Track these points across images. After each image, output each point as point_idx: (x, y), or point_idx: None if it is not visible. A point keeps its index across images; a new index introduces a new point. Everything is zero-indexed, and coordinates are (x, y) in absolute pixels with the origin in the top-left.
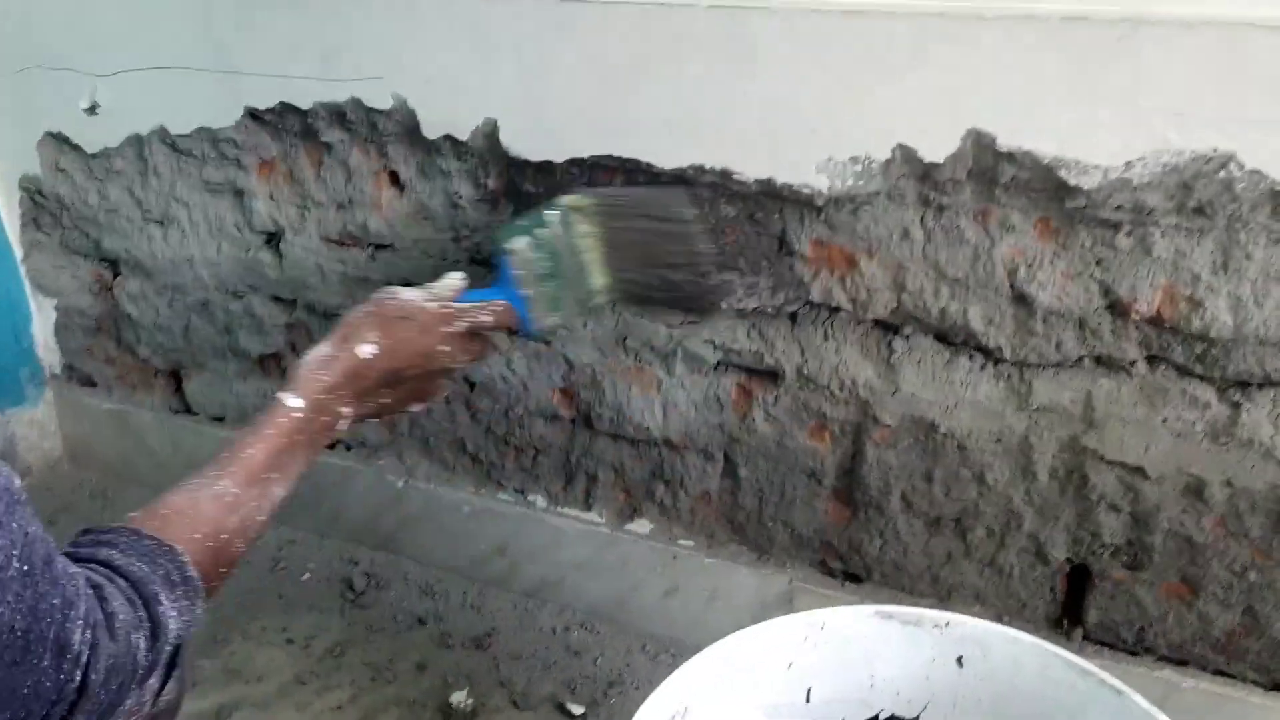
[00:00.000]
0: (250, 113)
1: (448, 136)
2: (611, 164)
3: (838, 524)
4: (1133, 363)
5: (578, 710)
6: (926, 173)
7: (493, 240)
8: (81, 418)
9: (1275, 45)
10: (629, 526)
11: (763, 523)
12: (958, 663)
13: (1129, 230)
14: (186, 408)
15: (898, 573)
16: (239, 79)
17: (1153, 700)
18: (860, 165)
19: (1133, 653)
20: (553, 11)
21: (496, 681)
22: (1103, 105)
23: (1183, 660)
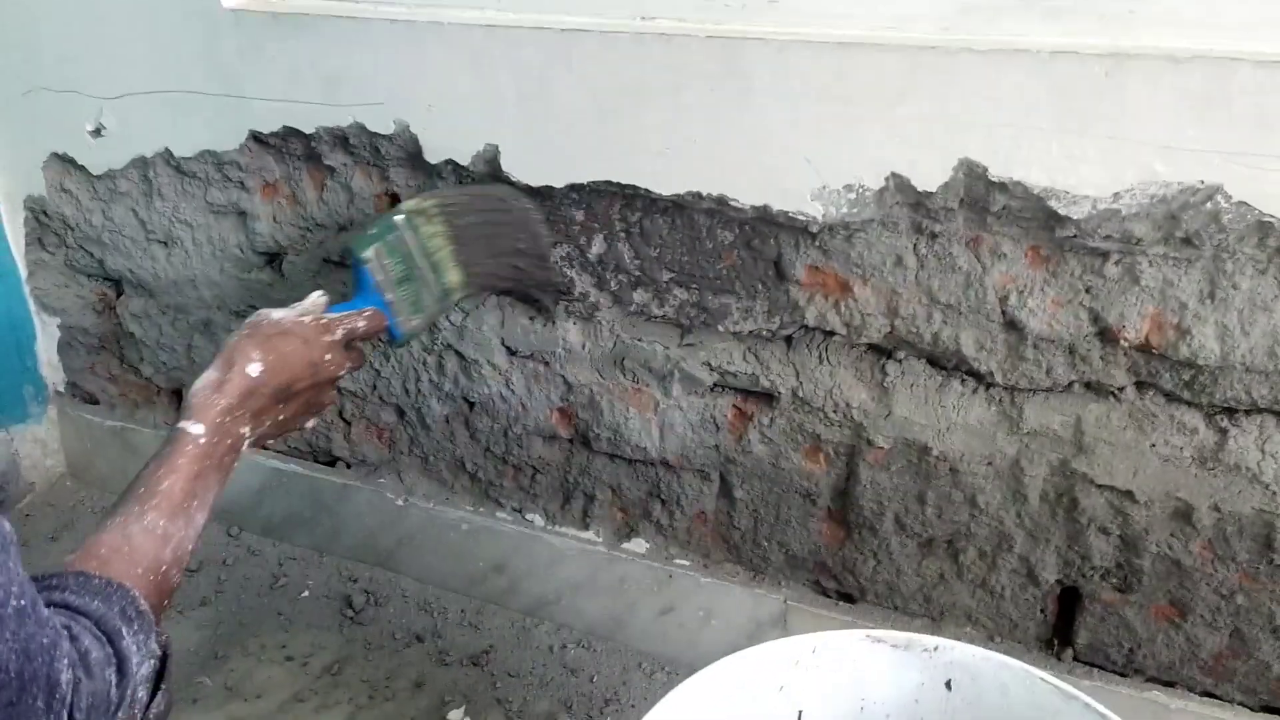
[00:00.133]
0: (254, 136)
1: (449, 161)
2: (610, 190)
3: (832, 545)
4: (1122, 388)
5: None
6: (919, 201)
7: (346, 252)
8: (84, 435)
9: (1261, 79)
10: (626, 546)
11: (758, 543)
12: (946, 686)
13: (1118, 259)
14: None
15: (891, 593)
16: (243, 103)
17: None
18: (854, 193)
19: (1122, 674)
20: (552, 40)
21: (493, 699)
22: (1091, 137)
23: (1171, 682)
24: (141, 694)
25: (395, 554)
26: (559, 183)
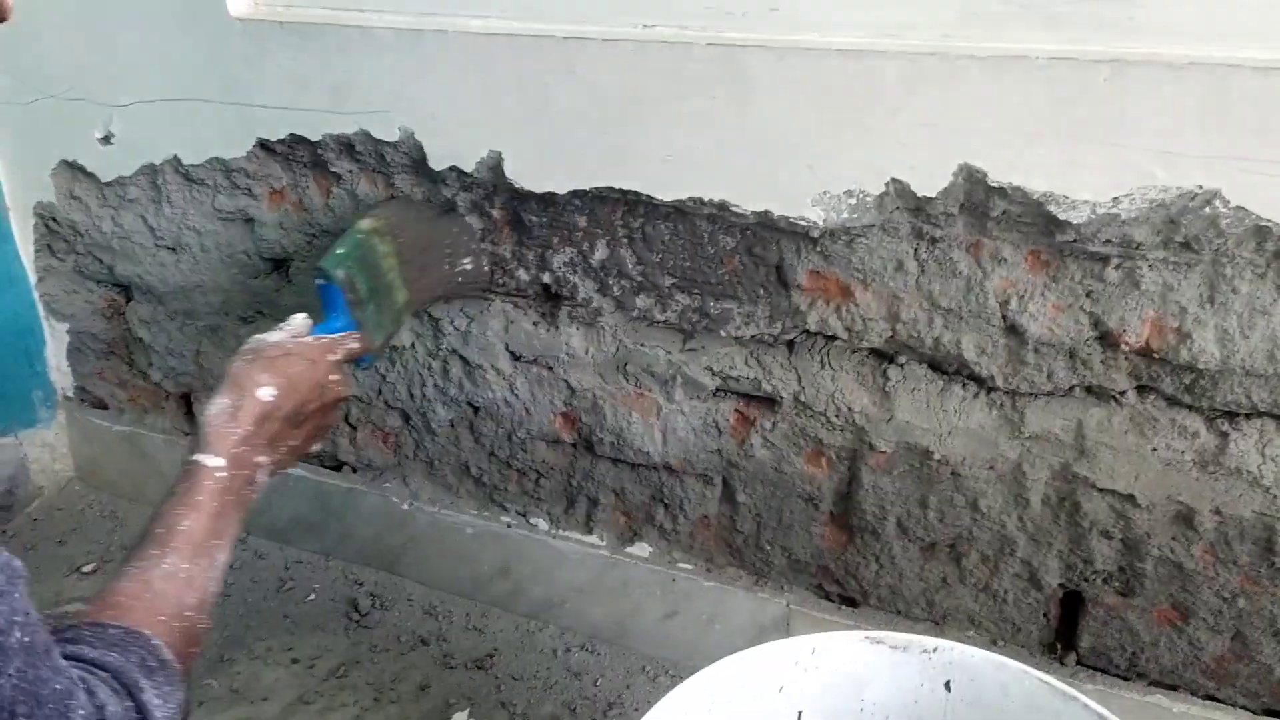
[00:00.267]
0: (261, 143)
1: (453, 168)
2: (613, 196)
3: (834, 549)
4: (1123, 392)
5: None
6: (920, 206)
7: (318, 271)
8: (93, 439)
9: (1259, 86)
10: (629, 549)
11: (760, 547)
12: (945, 688)
13: (1117, 264)
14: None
15: (893, 597)
16: (250, 111)
17: None
18: (855, 199)
19: (1125, 678)
20: (554, 48)
21: (498, 702)
22: (1090, 143)
23: (1174, 685)
24: None
25: (401, 558)
26: (562, 189)
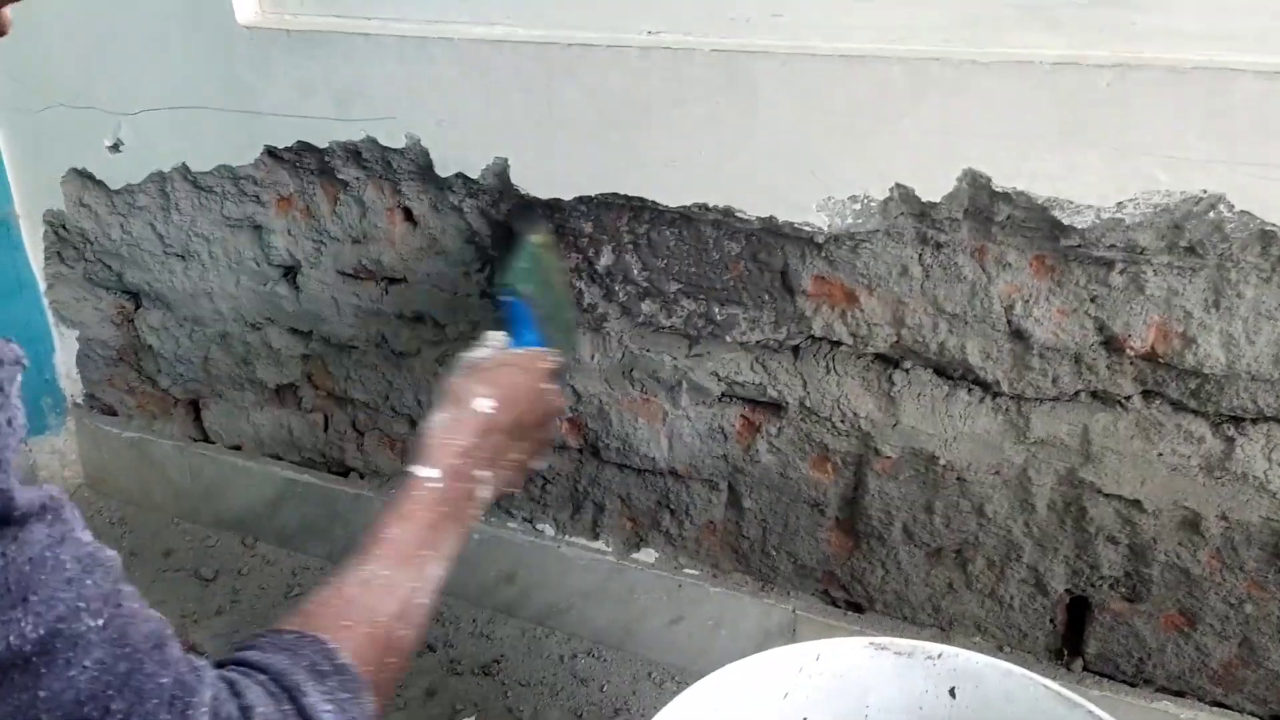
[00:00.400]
0: (269, 151)
1: (460, 174)
2: (618, 202)
3: (840, 554)
4: (1128, 397)
5: None
6: (924, 211)
7: (501, 288)
8: (102, 446)
9: (1263, 90)
10: (635, 555)
11: (766, 552)
12: (950, 694)
13: (1122, 268)
14: (205, 437)
15: (900, 603)
16: (258, 118)
17: None
18: (859, 204)
19: (1131, 684)
20: (559, 54)
21: (504, 708)
22: (1094, 148)
23: (1181, 692)
24: None
25: None
26: (567, 195)
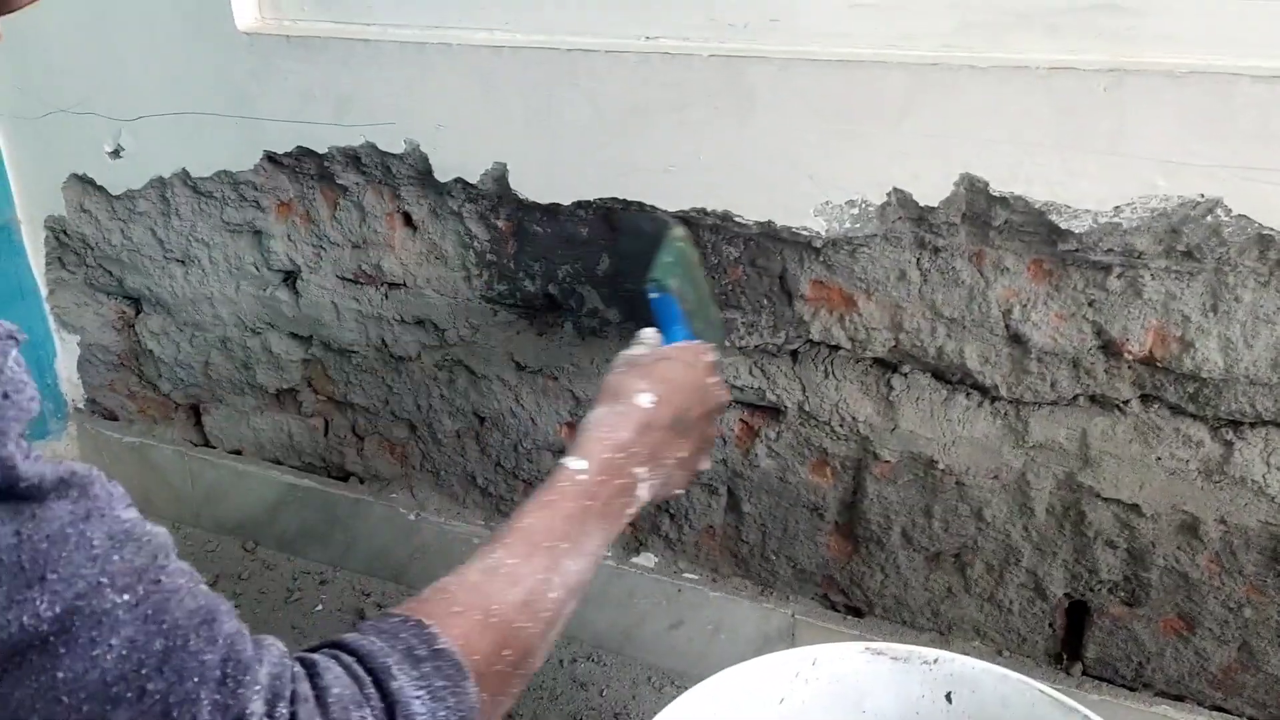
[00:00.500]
0: (269, 156)
1: (459, 179)
2: (617, 206)
3: (839, 558)
4: (1127, 401)
5: None
6: (922, 216)
7: (652, 283)
8: (103, 451)
9: (1260, 94)
10: (635, 560)
11: (766, 557)
12: (947, 699)
13: (1120, 272)
14: (205, 441)
15: (899, 607)
16: (257, 124)
17: None
18: (857, 209)
19: (1131, 688)
20: (558, 60)
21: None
22: (1091, 152)
23: (1180, 696)
24: None
25: (408, 568)
26: (566, 200)
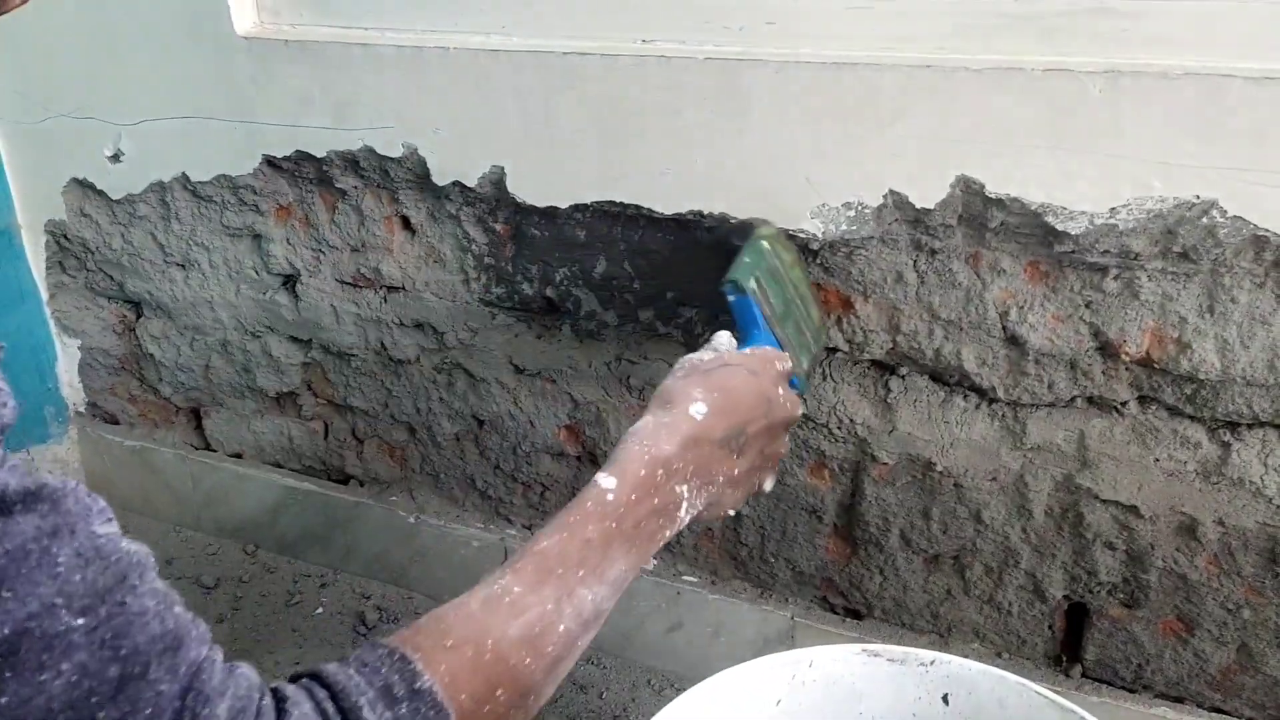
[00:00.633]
0: (268, 160)
1: (457, 183)
2: (614, 209)
3: (838, 561)
4: (1124, 403)
5: None
6: (918, 218)
7: (730, 285)
8: (104, 454)
9: (1254, 95)
10: None
11: (765, 559)
12: (943, 701)
13: (1116, 274)
14: (206, 445)
15: (898, 609)
16: (256, 128)
17: None
18: (853, 211)
19: (1130, 690)
20: (554, 63)
21: None
22: (1086, 153)
23: (1179, 697)
24: None
25: (408, 571)
26: (563, 203)
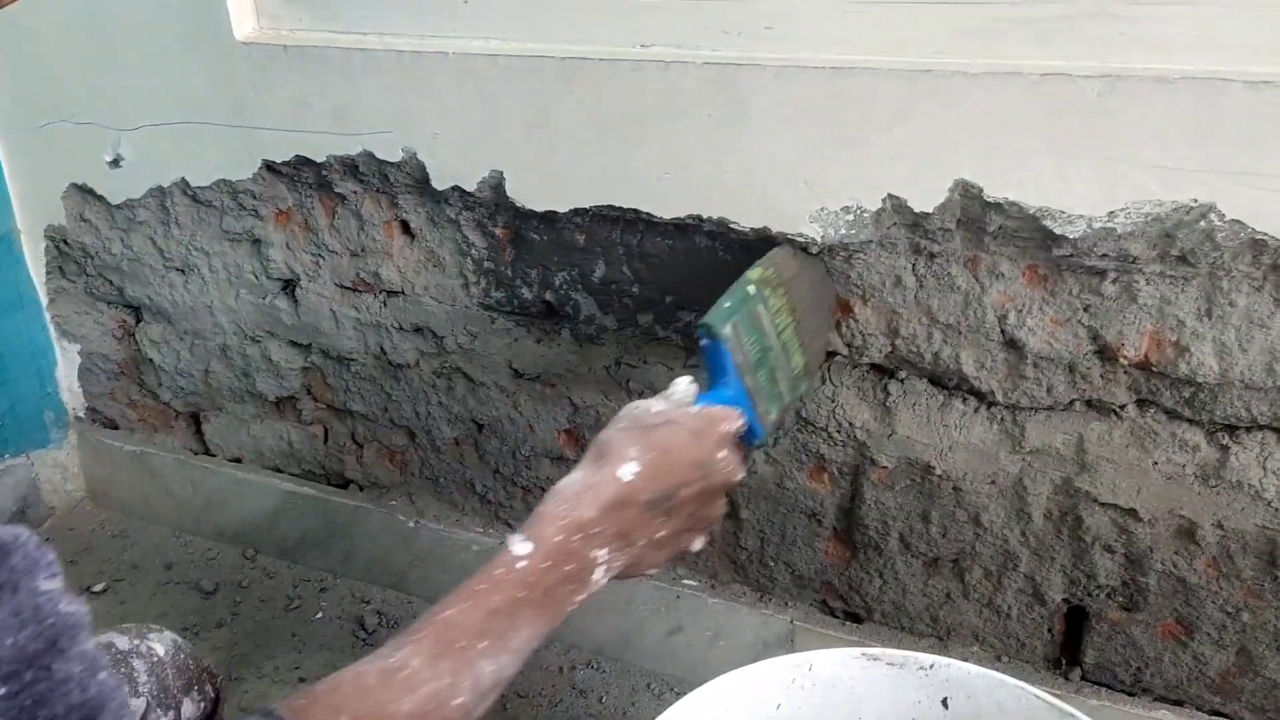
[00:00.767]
0: (267, 165)
1: (456, 188)
2: (613, 214)
3: (838, 564)
4: (1123, 406)
5: None
6: (917, 222)
7: (703, 328)
8: (103, 459)
9: (1251, 99)
10: None
11: (764, 563)
12: (943, 704)
13: (1114, 277)
14: (206, 449)
15: (897, 613)
16: (256, 133)
17: None
18: (852, 215)
19: (1130, 693)
20: (553, 68)
21: None
22: (1084, 157)
23: (1179, 700)
24: None
25: (407, 575)
26: (562, 208)
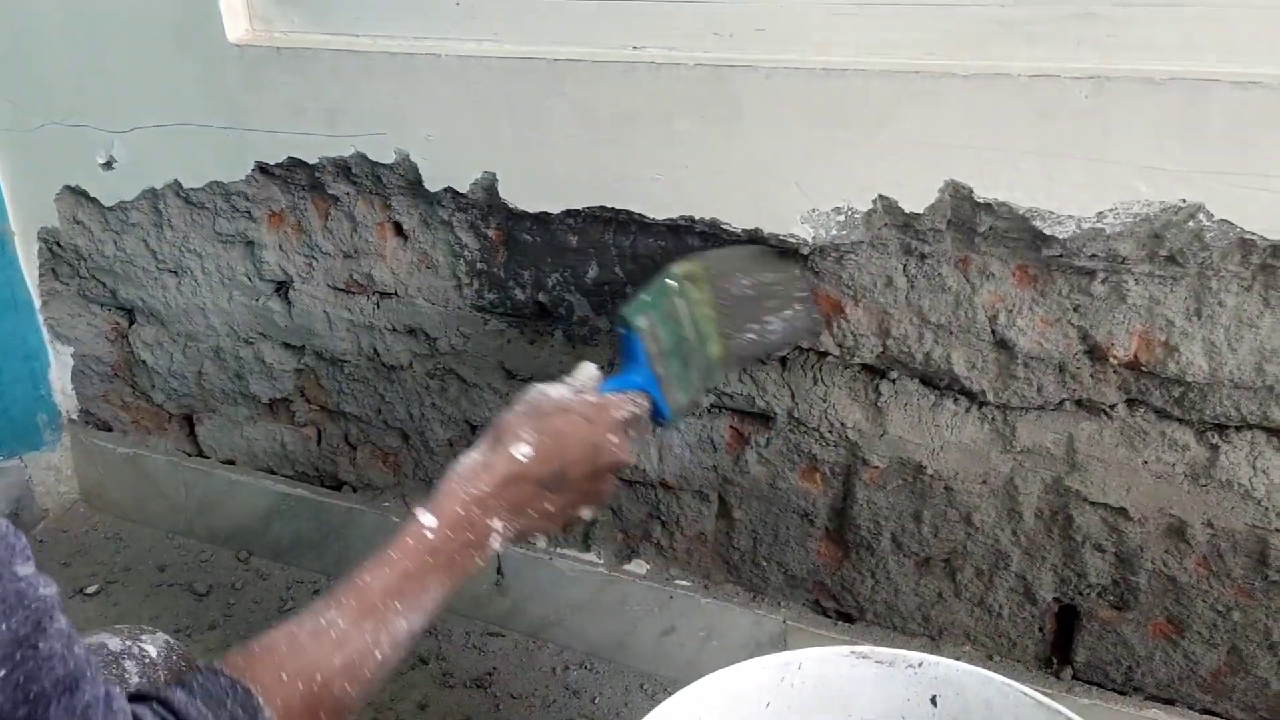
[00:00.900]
0: (260, 167)
1: (449, 189)
2: (605, 215)
3: (830, 564)
4: (1113, 406)
5: None
6: (907, 222)
7: (619, 319)
8: (97, 461)
9: (1239, 100)
10: (626, 567)
11: (757, 563)
12: (932, 702)
13: (1104, 277)
14: (199, 451)
15: (890, 612)
16: (249, 135)
17: None
18: (843, 216)
19: (1121, 692)
20: (545, 70)
21: None
22: (1073, 158)
23: (1170, 699)
24: None
25: None
26: (555, 209)
